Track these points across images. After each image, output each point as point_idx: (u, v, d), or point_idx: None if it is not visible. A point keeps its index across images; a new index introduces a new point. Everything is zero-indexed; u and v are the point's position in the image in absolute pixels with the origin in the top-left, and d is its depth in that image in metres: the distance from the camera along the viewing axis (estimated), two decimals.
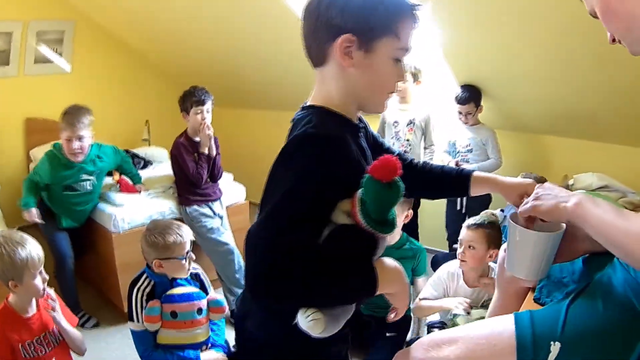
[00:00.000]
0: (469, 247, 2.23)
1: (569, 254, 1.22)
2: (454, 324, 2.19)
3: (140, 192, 3.38)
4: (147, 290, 2.10)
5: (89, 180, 3.11)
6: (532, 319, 1.10)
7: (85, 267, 3.61)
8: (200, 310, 2.13)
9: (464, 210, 3.49)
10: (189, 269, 2.17)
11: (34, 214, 2.97)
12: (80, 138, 2.94)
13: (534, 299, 1.32)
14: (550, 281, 1.29)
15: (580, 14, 1.22)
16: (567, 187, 3.02)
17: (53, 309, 1.90)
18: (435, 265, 3.31)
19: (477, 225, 2.24)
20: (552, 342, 1.04)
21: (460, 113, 3.46)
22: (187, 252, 2.14)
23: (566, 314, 1.09)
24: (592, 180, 2.99)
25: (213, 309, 2.18)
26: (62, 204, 3.11)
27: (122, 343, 2.87)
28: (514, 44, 2.87)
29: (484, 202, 3.39)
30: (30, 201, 3.00)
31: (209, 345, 2.18)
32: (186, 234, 2.16)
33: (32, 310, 1.89)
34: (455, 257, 2.34)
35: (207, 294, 2.22)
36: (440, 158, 3.66)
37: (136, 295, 2.09)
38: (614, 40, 1.16)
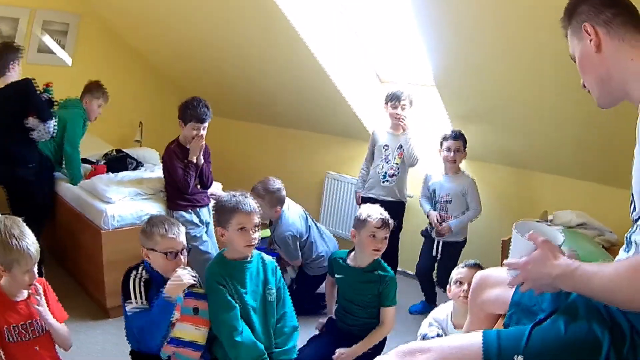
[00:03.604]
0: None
1: None
2: None
3: None
4: (144, 278, 2.12)
5: None
6: (499, 334, 1.22)
7: (70, 262, 3.65)
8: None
9: (438, 256, 3.55)
10: (173, 270, 2.12)
11: None
12: None
13: (503, 324, 1.41)
14: (519, 309, 1.39)
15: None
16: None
17: (37, 303, 1.92)
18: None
19: (476, 265, 2.43)
20: (515, 355, 1.16)
21: (448, 150, 3.42)
22: (174, 253, 2.14)
23: (530, 332, 1.20)
24: (570, 217, 3.08)
25: None
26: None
27: (104, 338, 2.92)
28: (507, 78, 2.98)
29: (457, 249, 3.52)
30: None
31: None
32: (178, 234, 2.17)
33: (22, 295, 1.93)
34: None
35: None
36: (418, 203, 3.76)
37: (133, 280, 2.09)
38: (584, 85, 1.34)
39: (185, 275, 2.08)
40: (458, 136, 3.42)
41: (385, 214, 2.56)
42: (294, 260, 3.51)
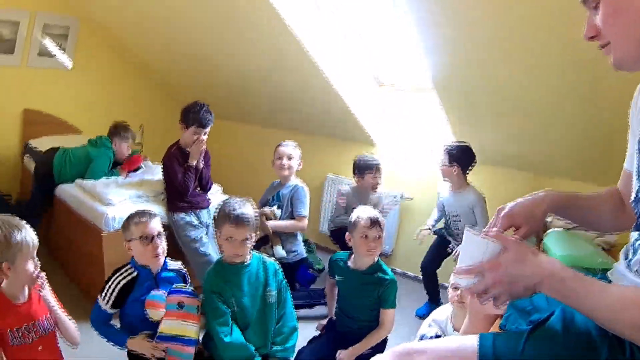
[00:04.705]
0: None
1: None
2: None
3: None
4: (127, 279, 2.26)
5: None
6: (495, 339, 1.19)
7: (70, 264, 3.67)
8: (198, 308, 2.26)
9: (455, 255, 3.46)
10: (155, 258, 2.28)
11: None
12: None
13: (499, 327, 1.41)
14: (516, 310, 1.39)
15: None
16: (545, 224, 3.13)
17: (41, 287, 1.93)
18: None
19: None
20: None
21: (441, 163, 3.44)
22: (149, 238, 2.26)
23: (527, 337, 1.17)
24: None
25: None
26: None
27: (103, 339, 2.92)
28: (508, 76, 2.98)
29: None
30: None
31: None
32: (149, 220, 2.30)
33: (24, 298, 1.93)
34: None
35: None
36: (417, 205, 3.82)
37: (114, 279, 2.25)
38: (591, 37, 1.11)
39: (145, 347, 2.19)
40: (447, 151, 3.40)
41: (375, 213, 2.58)
42: (302, 216, 3.43)
